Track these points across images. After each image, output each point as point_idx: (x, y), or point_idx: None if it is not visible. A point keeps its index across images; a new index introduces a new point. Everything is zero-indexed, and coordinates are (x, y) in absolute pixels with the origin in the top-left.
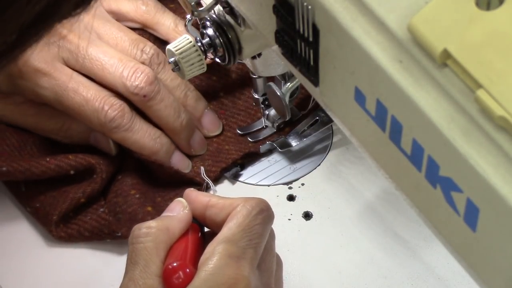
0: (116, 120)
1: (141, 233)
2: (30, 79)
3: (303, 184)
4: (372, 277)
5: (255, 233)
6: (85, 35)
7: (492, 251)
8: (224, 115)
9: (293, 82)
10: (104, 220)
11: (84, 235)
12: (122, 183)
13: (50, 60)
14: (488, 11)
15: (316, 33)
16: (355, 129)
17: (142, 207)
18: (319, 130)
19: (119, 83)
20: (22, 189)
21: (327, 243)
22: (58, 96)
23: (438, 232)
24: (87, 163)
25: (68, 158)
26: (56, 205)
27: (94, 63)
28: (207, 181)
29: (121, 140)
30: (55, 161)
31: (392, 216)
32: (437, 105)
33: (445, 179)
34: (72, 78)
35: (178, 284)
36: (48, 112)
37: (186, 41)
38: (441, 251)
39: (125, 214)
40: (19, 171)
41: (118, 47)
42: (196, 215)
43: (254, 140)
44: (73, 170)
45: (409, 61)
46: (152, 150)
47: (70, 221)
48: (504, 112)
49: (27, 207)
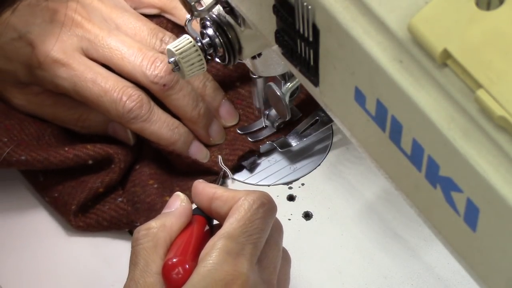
0: (134, 111)
1: (140, 235)
2: (49, 69)
3: (303, 184)
4: (372, 277)
5: (256, 228)
6: (105, 25)
7: (492, 251)
8: (241, 105)
9: (293, 82)
10: (122, 210)
11: (102, 225)
12: (140, 173)
13: (69, 51)
14: (488, 11)
15: (316, 33)
16: (355, 129)
17: (160, 196)
18: (319, 130)
19: (139, 72)
20: (40, 179)
21: (327, 243)
22: (77, 86)
23: (438, 232)
24: (105, 153)
25: (87, 148)
26: (74, 195)
27: (114, 53)
28: (224, 170)
29: (139, 130)
30: (74, 151)
31: (392, 216)
32: (437, 105)
33: (445, 179)
34: (91, 69)
35: (178, 280)
36: (66, 103)
37: (186, 41)
38: (441, 251)
39: (144, 204)
40: (37, 160)
41: (137, 37)
42: (203, 207)
43: (254, 140)
44: (92, 160)
45: (409, 61)
46: (170, 140)
47: (88, 211)
48: (504, 112)
49: (45, 197)
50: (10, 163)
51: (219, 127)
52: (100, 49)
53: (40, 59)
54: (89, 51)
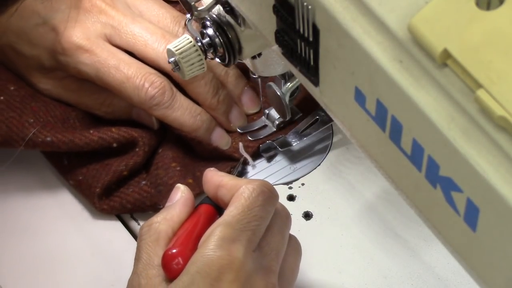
0: (156, 98)
1: (143, 231)
2: (72, 55)
3: (303, 184)
4: (372, 277)
5: (254, 216)
6: (128, 12)
7: (492, 251)
8: (263, 93)
9: (293, 82)
10: (146, 192)
11: (126, 207)
12: (163, 156)
13: (92, 37)
14: (488, 11)
15: (316, 33)
16: (355, 129)
17: (183, 179)
18: (319, 130)
19: (162, 59)
20: (65, 162)
21: (327, 243)
22: (100, 73)
23: (438, 232)
24: (130, 136)
25: (111, 131)
26: (99, 178)
27: (137, 39)
28: (244, 157)
29: (161, 117)
30: (99, 134)
31: (392, 216)
32: (437, 105)
33: (445, 179)
34: (114, 55)
35: (178, 270)
36: (90, 88)
37: (186, 41)
38: (441, 251)
39: (166, 186)
40: (62, 142)
41: (160, 24)
42: (211, 195)
43: (254, 139)
44: (116, 143)
45: (409, 61)
46: (193, 127)
47: (112, 194)
48: (504, 112)
49: (69, 180)
50: (36, 144)
51: (240, 112)
52: (124, 36)
53: (64, 45)
54: (112, 37)
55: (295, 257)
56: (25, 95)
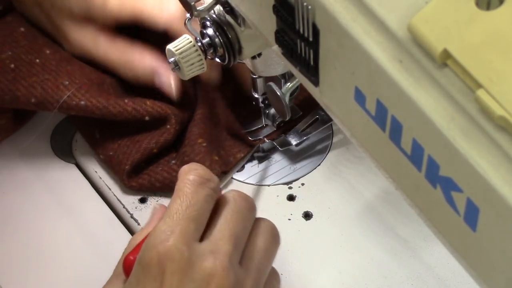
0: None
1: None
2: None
3: (303, 184)
4: (372, 277)
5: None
6: None
7: (492, 251)
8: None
9: (293, 82)
10: (175, 172)
11: (155, 186)
12: (190, 133)
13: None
14: (488, 11)
15: (316, 33)
16: (355, 129)
17: (209, 155)
18: (319, 129)
19: None
20: (97, 136)
21: (327, 243)
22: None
23: (438, 232)
24: (164, 111)
25: (146, 103)
26: (129, 155)
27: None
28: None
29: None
30: (133, 104)
31: (392, 216)
32: (437, 105)
33: (445, 179)
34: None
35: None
36: (118, 46)
37: (186, 41)
38: (441, 251)
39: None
40: (96, 107)
41: None
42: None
43: (254, 139)
44: (149, 116)
45: (409, 61)
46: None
47: (142, 171)
48: (504, 112)
49: (100, 155)
50: (70, 107)
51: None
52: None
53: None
54: None
55: (266, 238)
56: (60, 59)
